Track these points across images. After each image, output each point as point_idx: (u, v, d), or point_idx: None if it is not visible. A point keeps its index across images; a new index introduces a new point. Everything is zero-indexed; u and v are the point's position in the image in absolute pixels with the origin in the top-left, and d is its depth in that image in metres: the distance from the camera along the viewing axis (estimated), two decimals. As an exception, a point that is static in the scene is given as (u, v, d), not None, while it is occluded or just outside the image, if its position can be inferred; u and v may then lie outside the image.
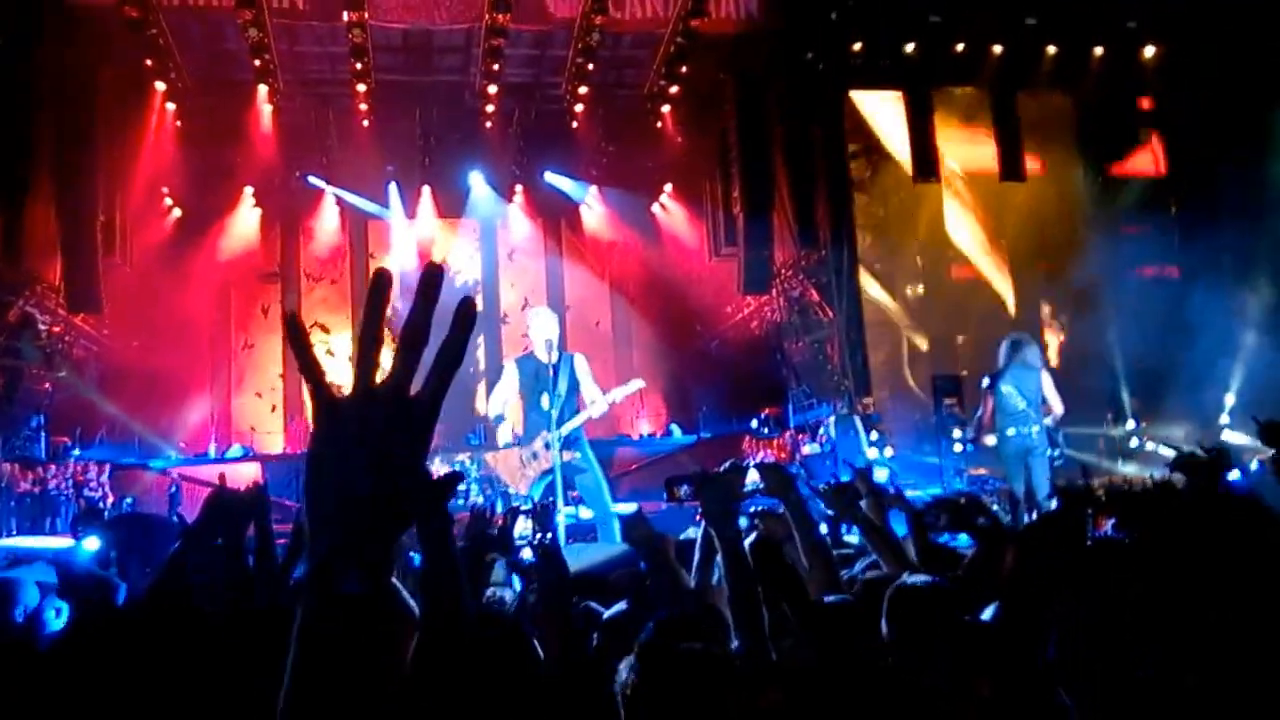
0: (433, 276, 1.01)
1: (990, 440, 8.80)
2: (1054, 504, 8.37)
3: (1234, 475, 3.85)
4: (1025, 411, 8.50)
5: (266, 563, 3.53)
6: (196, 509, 3.58)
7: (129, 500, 12.50)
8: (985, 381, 8.78)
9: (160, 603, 3.10)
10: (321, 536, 0.96)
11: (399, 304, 1.00)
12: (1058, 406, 8.64)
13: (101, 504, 12.15)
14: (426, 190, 15.56)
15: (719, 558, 2.89)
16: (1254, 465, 5.99)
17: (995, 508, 8.24)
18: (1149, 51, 13.47)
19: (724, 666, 2.16)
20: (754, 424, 13.64)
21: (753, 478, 3.37)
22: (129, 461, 13.35)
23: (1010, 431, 8.52)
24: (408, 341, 0.99)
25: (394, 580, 2.21)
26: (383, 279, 1.02)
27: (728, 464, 3.00)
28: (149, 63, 12.97)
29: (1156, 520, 3.09)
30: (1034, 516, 7.95)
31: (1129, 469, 11.90)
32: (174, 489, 12.72)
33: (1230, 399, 12.48)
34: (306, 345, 1.04)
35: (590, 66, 13.72)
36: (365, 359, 1.01)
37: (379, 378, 0.99)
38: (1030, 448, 8.47)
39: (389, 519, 0.98)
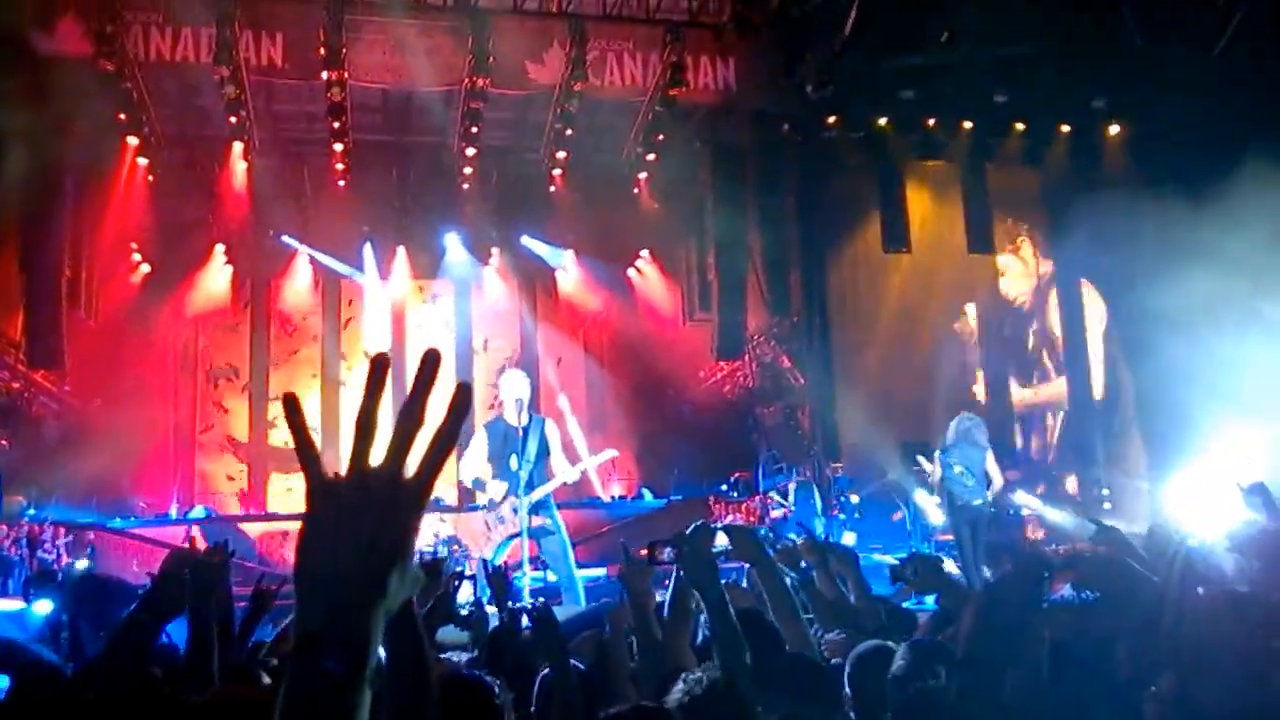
0: (431, 362, 1.03)
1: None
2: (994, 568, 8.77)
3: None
4: (971, 485, 9.49)
5: (224, 626, 3.46)
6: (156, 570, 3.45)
7: (86, 562, 12.14)
8: (936, 455, 9.89)
9: (112, 670, 2.96)
10: (308, 613, 0.97)
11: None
12: (998, 480, 9.71)
13: (56, 566, 11.80)
14: (401, 251, 15.52)
15: (702, 617, 2.92)
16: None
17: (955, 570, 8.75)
18: (1113, 130, 13.85)
19: None
20: (724, 487, 13.60)
21: (721, 541, 3.40)
22: (86, 522, 12.99)
23: (959, 503, 9.47)
24: (403, 425, 1.01)
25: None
26: (382, 363, 1.05)
27: (695, 526, 2.99)
28: (122, 116, 12.94)
29: (1111, 582, 3.16)
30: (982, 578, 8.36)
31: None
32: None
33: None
34: (302, 425, 1.04)
35: (569, 132, 13.87)
36: (362, 441, 1.01)
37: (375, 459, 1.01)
38: (976, 518, 9.46)
39: (376, 600, 0.98)
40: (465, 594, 4.42)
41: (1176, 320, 11.05)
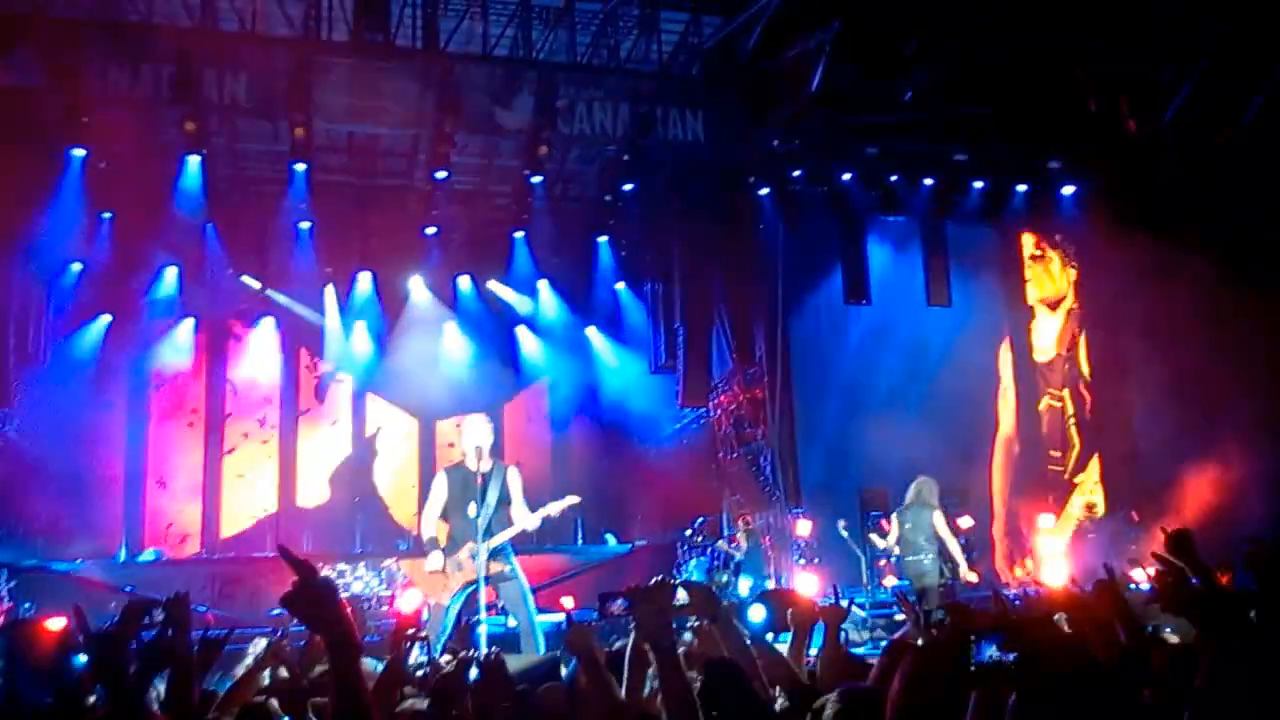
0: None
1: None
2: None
3: None
4: (920, 544, 10.35)
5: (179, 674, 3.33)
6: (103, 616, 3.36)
7: (28, 606, 11.75)
8: (894, 516, 10.75)
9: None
10: None
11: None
12: (948, 540, 10.51)
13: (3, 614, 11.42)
14: (365, 294, 15.37)
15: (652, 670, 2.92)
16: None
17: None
18: (1068, 190, 14.34)
19: None
20: (688, 533, 13.63)
21: (681, 597, 3.37)
22: (30, 564, 12.59)
23: (909, 559, 10.30)
24: None
25: None
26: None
27: (656, 580, 3.01)
28: (78, 152, 12.74)
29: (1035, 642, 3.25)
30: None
31: None
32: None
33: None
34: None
35: (536, 178, 13.95)
36: None
37: None
38: (923, 572, 10.34)
39: None
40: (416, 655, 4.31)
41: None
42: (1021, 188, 14.34)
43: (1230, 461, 12.35)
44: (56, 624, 7.93)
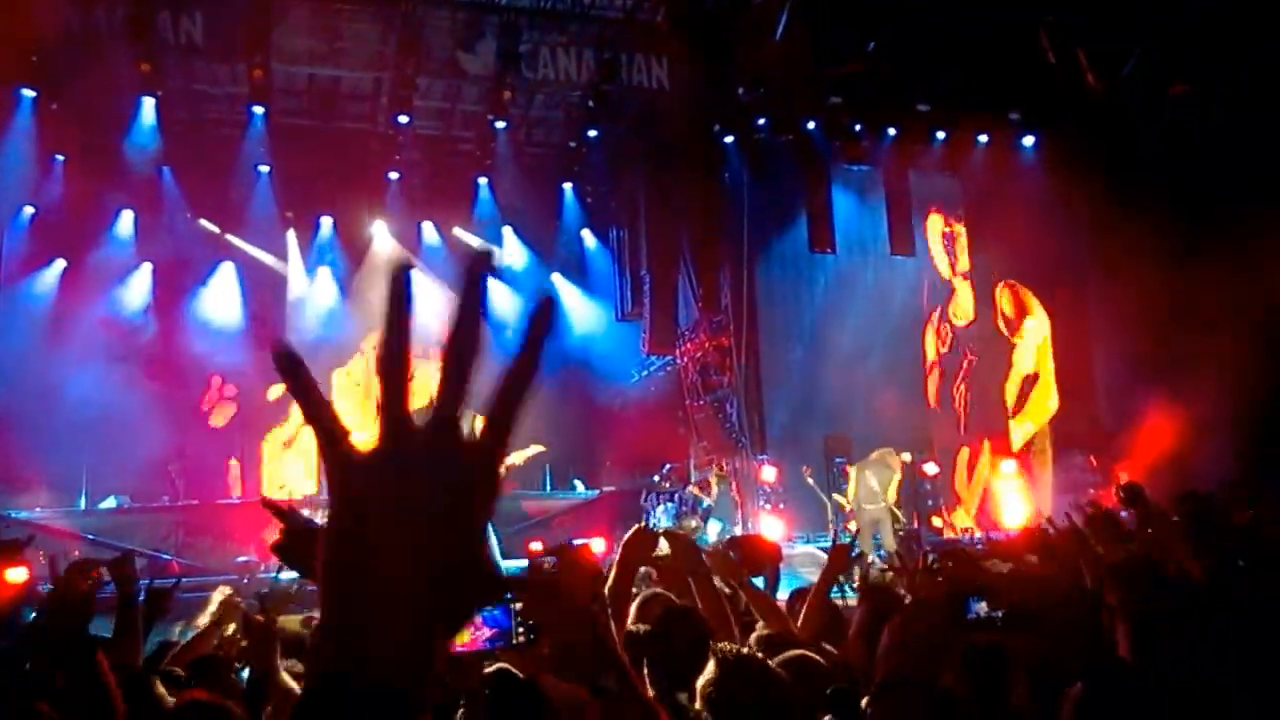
0: (476, 268, 0.74)
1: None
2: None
3: None
4: (877, 495, 11.33)
5: (126, 633, 3.28)
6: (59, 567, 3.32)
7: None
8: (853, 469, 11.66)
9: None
10: (346, 638, 0.67)
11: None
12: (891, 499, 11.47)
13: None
14: (326, 239, 15.20)
15: None
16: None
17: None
18: (1028, 140, 14.52)
19: None
20: (655, 479, 13.78)
21: (662, 548, 3.35)
22: (-13, 512, 12.43)
23: (867, 507, 11.13)
24: (455, 359, 0.73)
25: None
26: (405, 272, 0.75)
27: (636, 527, 2.98)
28: (28, 92, 12.43)
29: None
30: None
31: None
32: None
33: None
34: (309, 383, 0.73)
35: (500, 124, 13.84)
36: (393, 390, 0.72)
37: (415, 413, 0.71)
38: (878, 519, 11.25)
39: (441, 614, 0.69)
40: None
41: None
42: (982, 138, 14.49)
43: (1187, 408, 12.67)
44: (18, 575, 7.84)
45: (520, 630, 1.90)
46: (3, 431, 12.83)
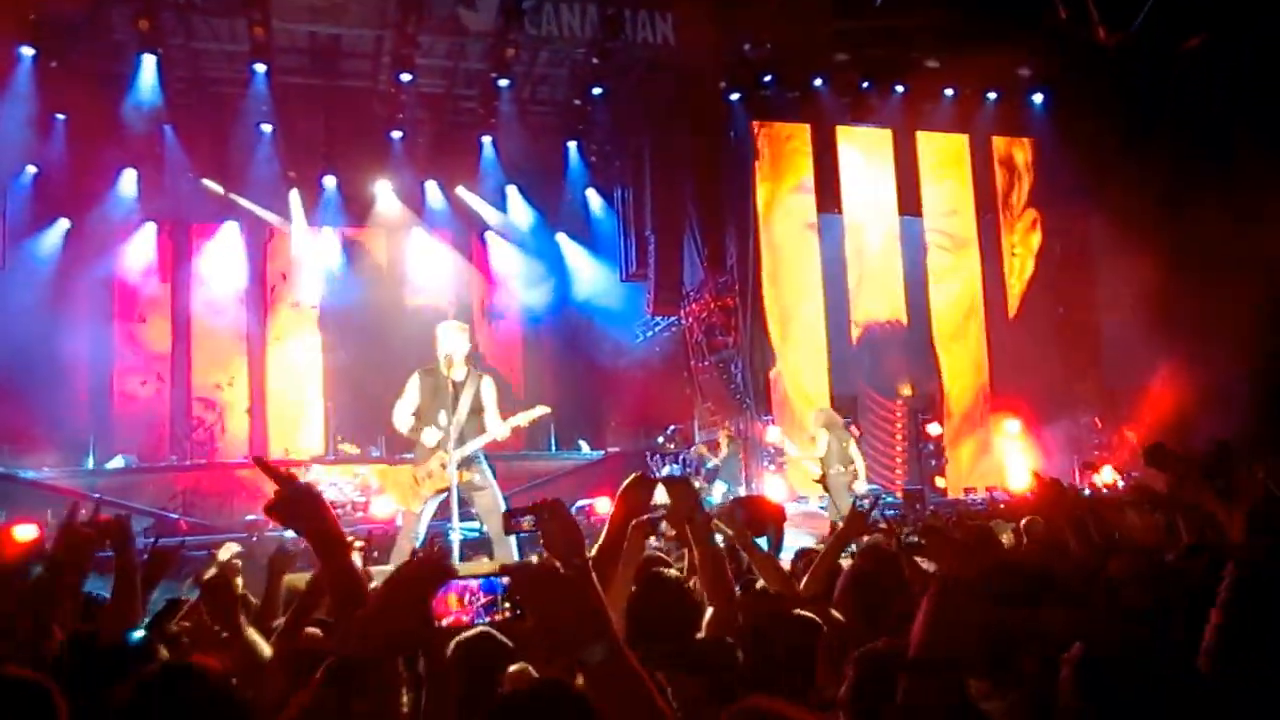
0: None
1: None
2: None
3: None
4: (847, 458, 11.23)
5: (123, 593, 3.25)
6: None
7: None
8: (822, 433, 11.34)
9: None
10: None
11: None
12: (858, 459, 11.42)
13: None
14: (330, 199, 15.11)
15: None
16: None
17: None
18: (1038, 98, 14.32)
19: None
20: (660, 440, 13.80)
21: (660, 495, 3.24)
22: (-5, 471, 12.51)
23: (834, 470, 11.00)
24: None
25: None
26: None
27: (634, 476, 2.93)
28: (28, 50, 12.33)
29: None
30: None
31: None
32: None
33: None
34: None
35: (504, 82, 13.70)
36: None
37: None
38: (846, 484, 11.08)
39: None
40: None
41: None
42: (992, 95, 14.30)
43: (1195, 368, 12.59)
44: (26, 533, 7.90)
45: (506, 605, 1.92)
46: (9, 392, 12.87)
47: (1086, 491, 10.04)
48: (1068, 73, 13.78)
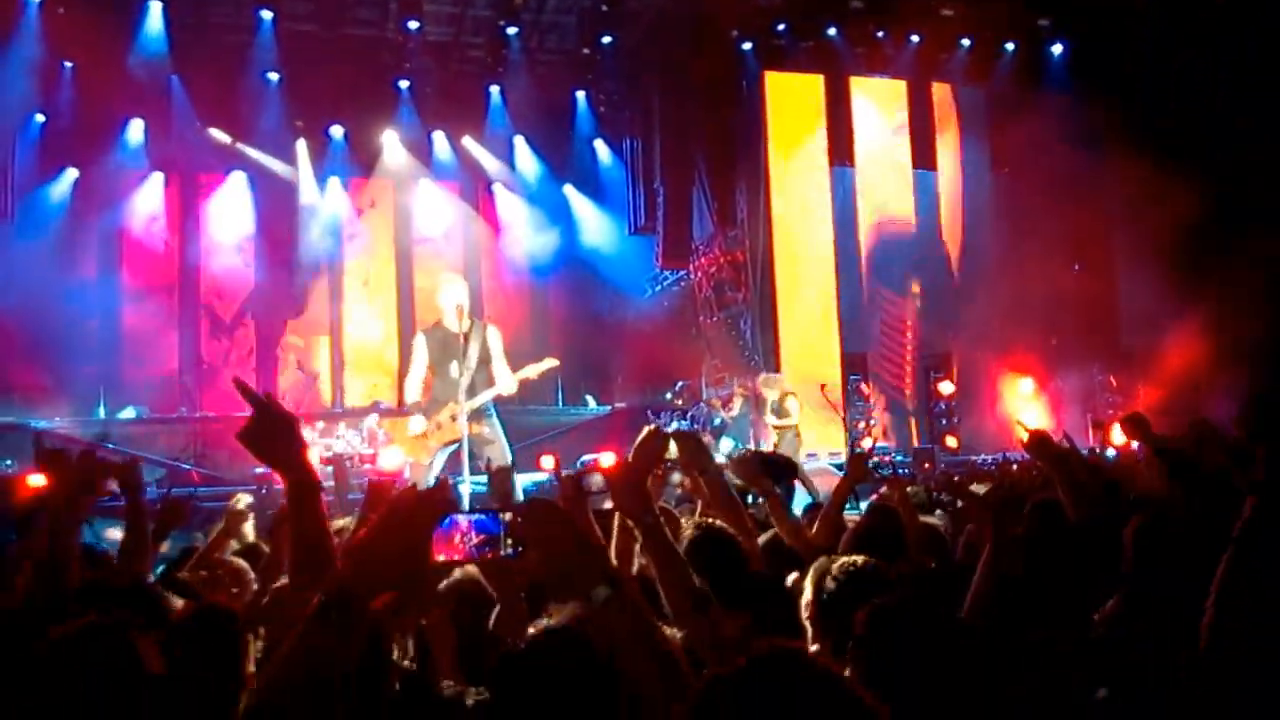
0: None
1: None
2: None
3: None
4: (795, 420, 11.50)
5: (135, 538, 3.33)
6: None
7: (8, 463, 11.80)
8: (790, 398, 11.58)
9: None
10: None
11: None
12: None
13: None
14: (337, 149, 14.98)
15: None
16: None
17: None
18: (1057, 49, 13.97)
19: None
20: (668, 395, 13.74)
21: (672, 450, 3.22)
22: (7, 421, 12.60)
23: (789, 431, 11.31)
24: None
25: None
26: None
27: (648, 430, 2.87)
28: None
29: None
30: None
31: None
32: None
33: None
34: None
35: (512, 30, 13.49)
36: None
37: None
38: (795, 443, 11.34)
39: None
40: None
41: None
42: (1009, 46, 13.96)
43: (1211, 329, 12.41)
44: (38, 481, 7.97)
45: (509, 542, 1.87)
46: (19, 343, 12.94)
47: (1110, 452, 9.88)
48: (1090, 23, 13.42)
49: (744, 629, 2.55)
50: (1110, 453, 9.94)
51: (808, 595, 2.71)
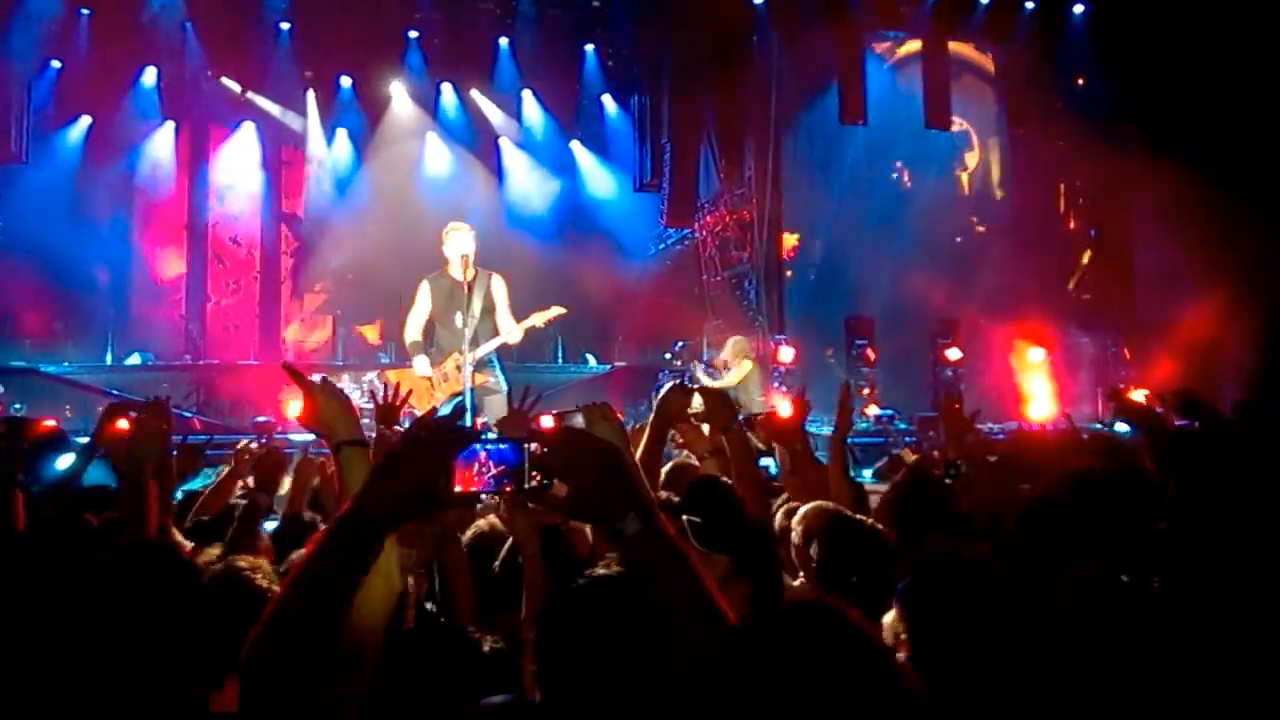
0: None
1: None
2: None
3: None
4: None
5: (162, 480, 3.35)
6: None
7: (18, 406, 12.01)
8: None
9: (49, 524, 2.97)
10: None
11: None
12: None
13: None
14: (345, 99, 14.96)
15: None
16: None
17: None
18: (1078, 9, 13.53)
19: None
20: (668, 355, 13.63)
21: (696, 403, 3.37)
22: (18, 365, 12.82)
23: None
24: None
25: None
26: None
27: (670, 384, 3.01)
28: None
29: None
30: None
31: None
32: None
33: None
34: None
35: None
36: None
37: None
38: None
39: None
40: None
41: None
42: (1029, 4, 13.53)
43: (1227, 303, 12.06)
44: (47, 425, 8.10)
45: (534, 472, 1.80)
46: (31, 287, 13.15)
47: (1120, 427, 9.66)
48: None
49: (728, 567, 2.61)
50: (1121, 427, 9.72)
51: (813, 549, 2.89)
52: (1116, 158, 13.20)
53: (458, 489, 1.76)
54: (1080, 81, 13.04)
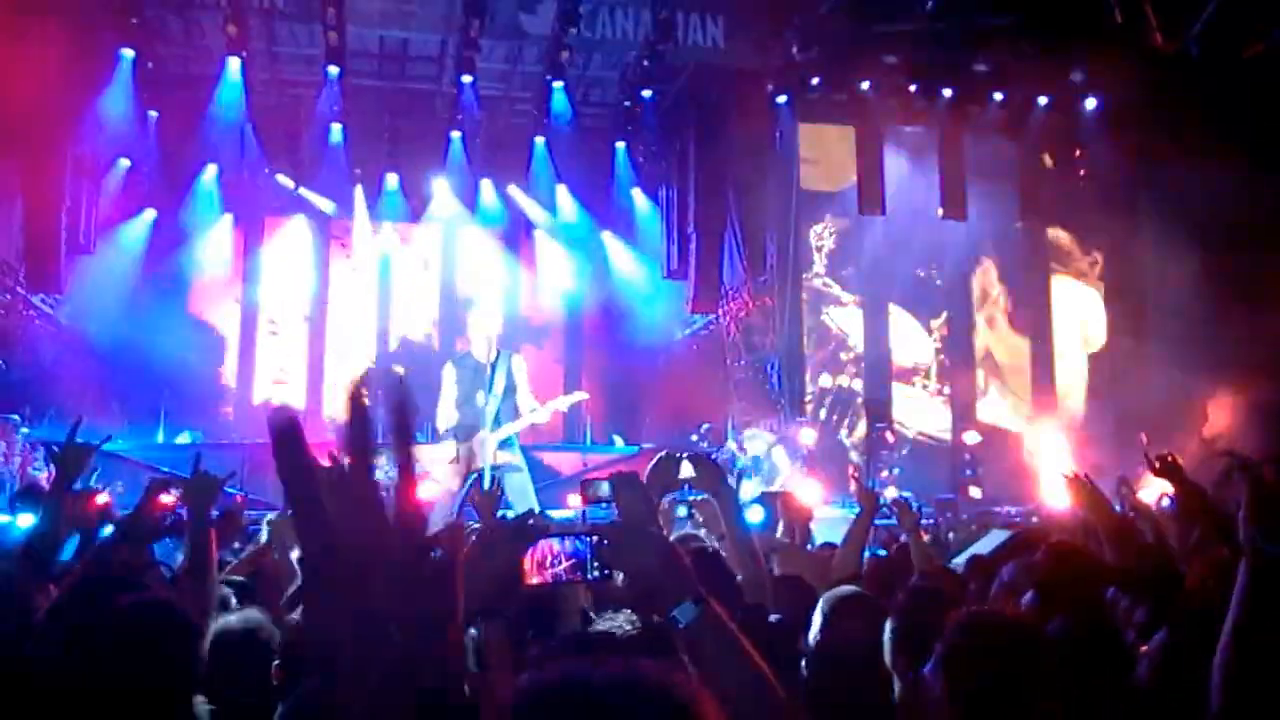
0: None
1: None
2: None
3: None
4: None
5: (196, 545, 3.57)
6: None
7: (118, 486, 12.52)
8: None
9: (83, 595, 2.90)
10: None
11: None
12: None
13: (47, 483, 12.17)
14: (390, 194, 15.79)
15: None
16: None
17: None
18: (1090, 103, 14.02)
19: None
20: (693, 438, 13.95)
21: (686, 471, 3.30)
22: (85, 443, 13.36)
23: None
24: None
25: None
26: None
27: (662, 454, 3.02)
28: (128, 52, 13.31)
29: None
30: None
31: None
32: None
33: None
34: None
35: (558, 84, 14.14)
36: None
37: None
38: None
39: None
40: None
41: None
42: (1042, 100, 14.07)
43: (1246, 389, 12.16)
44: (101, 499, 8.59)
45: (595, 564, 1.90)
46: (95, 369, 13.85)
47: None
48: (1123, 79, 13.44)
49: None
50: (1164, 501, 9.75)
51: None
52: (1134, 251, 13.54)
53: (535, 579, 1.87)
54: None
